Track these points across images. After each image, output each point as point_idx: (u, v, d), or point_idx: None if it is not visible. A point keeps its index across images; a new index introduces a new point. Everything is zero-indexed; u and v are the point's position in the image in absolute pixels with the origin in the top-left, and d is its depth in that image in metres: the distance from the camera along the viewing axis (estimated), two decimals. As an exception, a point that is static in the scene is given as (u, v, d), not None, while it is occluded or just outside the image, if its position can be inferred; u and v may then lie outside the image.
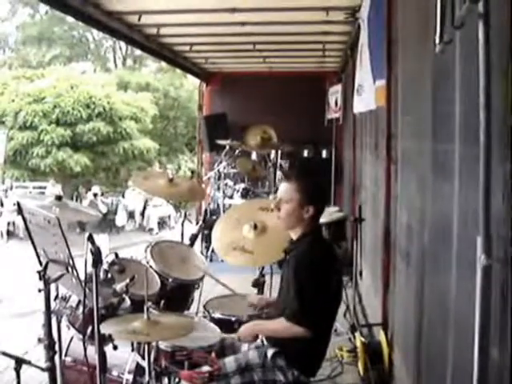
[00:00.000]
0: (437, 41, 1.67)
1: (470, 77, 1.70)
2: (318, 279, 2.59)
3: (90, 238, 2.28)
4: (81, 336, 2.72)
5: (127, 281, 2.79)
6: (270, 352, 2.68)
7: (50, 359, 2.50)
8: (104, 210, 14.14)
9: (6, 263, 10.21)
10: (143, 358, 2.75)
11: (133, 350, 2.94)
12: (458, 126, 2.05)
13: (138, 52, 23.62)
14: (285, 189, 2.79)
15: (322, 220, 2.96)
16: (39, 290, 2.46)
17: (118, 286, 2.78)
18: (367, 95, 4.47)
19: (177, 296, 3.54)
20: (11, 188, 15.74)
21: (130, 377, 2.95)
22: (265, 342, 2.78)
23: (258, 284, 3.49)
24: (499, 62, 1.44)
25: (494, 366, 1.49)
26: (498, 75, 1.44)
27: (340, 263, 3.03)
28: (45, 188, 15.86)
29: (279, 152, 8.57)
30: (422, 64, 2.76)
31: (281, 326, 2.64)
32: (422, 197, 2.80)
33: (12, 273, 8.78)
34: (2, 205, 14.09)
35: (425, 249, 2.74)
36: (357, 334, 4.33)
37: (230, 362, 2.70)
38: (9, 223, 13.99)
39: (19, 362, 2.40)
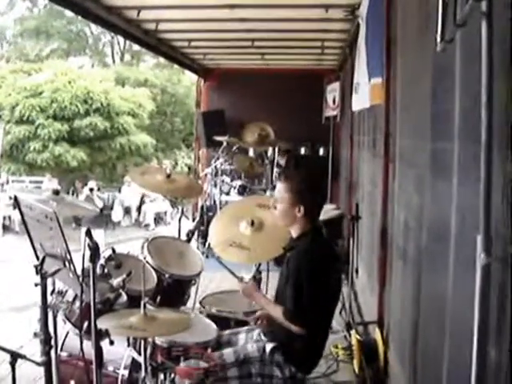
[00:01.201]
0: (438, 39, 1.66)
1: (471, 75, 1.69)
2: (316, 278, 2.61)
3: (88, 233, 2.27)
4: (77, 331, 2.72)
5: (124, 276, 2.80)
6: (269, 347, 2.71)
7: (46, 354, 2.49)
8: (100, 205, 14.08)
9: (2, 257, 10.18)
10: (139, 353, 2.76)
11: (129, 346, 2.94)
12: (457, 125, 2.04)
13: (136, 47, 23.52)
14: (278, 188, 2.86)
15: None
16: (35, 285, 2.45)
17: (115, 281, 2.79)
18: (363, 93, 4.47)
19: (173, 292, 3.55)
20: (7, 182, 15.66)
21: (126, 372, 2.96)
22: (263, 337, 2.82)
23: (255, 281, 3.49)
24: (501, 60, 1.44)
25: (492, 365, 1.49)
26: (499, 74, 1.43)
27: (340, 262, 3.06)
28: (41, 182, 15.80)
29: (276, 149, 8.57)
30: (422, 62, 2.75)
31: (278, 316, 2.69)
32: (420, 195, 2.80)
33: (8, 267, 8.76)
34: (-2, 199, 14.02)
35: (422, 247, 2.74)
36: (352, 332, 4.35)
37: (228, 353, 2.73)
38: (5, 217, 13.92)
39: (14, 357, 2.40)
